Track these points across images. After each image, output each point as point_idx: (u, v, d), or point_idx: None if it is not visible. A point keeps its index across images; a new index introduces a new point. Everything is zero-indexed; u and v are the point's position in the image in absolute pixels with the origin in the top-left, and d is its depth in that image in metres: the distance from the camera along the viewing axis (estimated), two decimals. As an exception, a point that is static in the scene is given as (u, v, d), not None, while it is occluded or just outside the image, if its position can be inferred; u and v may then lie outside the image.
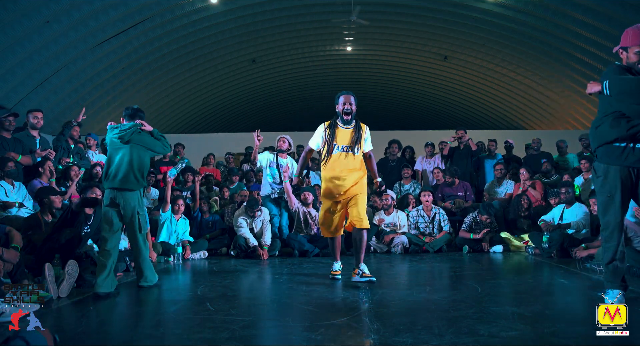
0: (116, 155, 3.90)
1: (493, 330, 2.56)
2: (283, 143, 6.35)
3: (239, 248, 5.98)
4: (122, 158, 3.87)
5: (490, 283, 4.02)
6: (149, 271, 3.98)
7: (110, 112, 14.18)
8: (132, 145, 3.90)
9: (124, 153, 3.88)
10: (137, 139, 3.93)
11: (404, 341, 2.38)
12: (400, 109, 21.86)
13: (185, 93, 16.20)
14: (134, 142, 3.91)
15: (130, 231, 3.95)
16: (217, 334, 2.56)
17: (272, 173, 6.30)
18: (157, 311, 3.25)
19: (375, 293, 3.57)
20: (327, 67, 17.51)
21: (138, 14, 10.97)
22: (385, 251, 6.37)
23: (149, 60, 13.22)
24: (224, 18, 12.48)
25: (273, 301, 3.47)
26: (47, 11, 9.29)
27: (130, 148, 3.89)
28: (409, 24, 13.64)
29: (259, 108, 20.74)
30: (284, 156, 6.37)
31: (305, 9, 12.90)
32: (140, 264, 3.97)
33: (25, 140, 5.69)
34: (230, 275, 4.70)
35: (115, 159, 3.89)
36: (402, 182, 7.72)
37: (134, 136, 3.92)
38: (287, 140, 6.39)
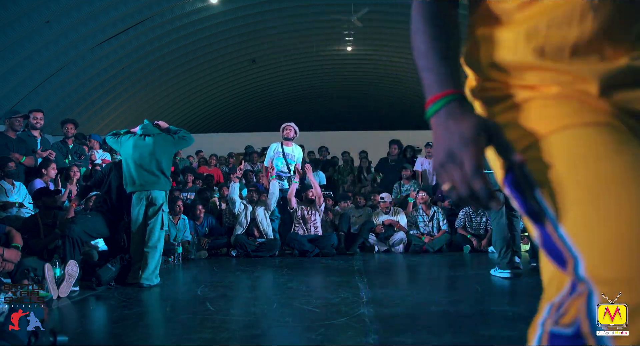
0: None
1: (493, 330, 2.56)
2: (289, 131, 6.34)
3: (239, 247, 5.98)
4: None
5: (490, 283, 4.02)
6: (155, 270, 4.07)
7: (110, 112, 14.19)
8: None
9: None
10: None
11: (403, 341, 2.38)
12: (401, 108, 21.86)
13: (185, 93, 16.21)
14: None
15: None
16: (217, 334, 2.56)
17: (279, 163, 6.31)
18: (157, 311, 3.26)
19: (375, 293, 3.57)
20: (327, 67, 17.52)
21: (138, 14, 10.98)
22: (385, 250, 6.37)
23: (149, 60, 13.23)
24: (224, 18, 12.49)
25: (273, 301, 3.47)
26: (47, 11, 9.31)
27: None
28: (409, 24, 13.61)
29: (259, 108, 20.76)
30: (289, 144, 6.36)
31: (305, 9, 12.91)
32: (147, 260, 4.02)
33: (27, 140, 5.71)
34: (230, 275, 4.70)
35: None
36: (401, 182, 7.72)
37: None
38: (293, 128, 6.37)
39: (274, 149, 6.38)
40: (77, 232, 3.95)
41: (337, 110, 22.85)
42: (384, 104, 21.72)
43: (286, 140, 6.34)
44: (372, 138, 12.41)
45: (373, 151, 9.98)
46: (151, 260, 4.02)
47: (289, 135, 6.31)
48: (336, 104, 22.07)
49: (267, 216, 6.21)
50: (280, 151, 6.32)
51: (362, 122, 22.34)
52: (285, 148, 6.32)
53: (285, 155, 6.28)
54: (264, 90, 18.50)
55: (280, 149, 6.33)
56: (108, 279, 3.99)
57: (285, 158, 6.29)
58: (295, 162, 6.37)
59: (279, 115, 22.20)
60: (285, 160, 6.29)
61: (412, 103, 20.81)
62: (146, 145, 4.18)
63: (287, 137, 6.31)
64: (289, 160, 6.31)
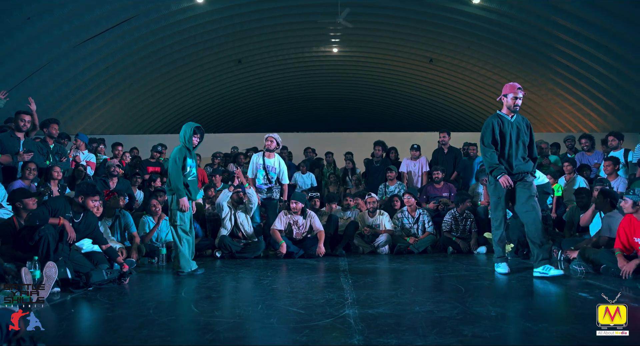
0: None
1: (477, 330, 2.58)
2: (271, 143, 6.31)
3: (224, 248, 5.94)
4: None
5: (473, 284, 4.06)
6: (180, 260, 4.68)
7: (93, 111, 13.99)
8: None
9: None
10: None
11: (388, 342, 2.39)
12: (385, 111, 21.98)
13: (170, 93, 16.07)
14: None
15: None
16: (201, 336, 2.54)
17: (259, 175, 6.28)
18: (139, 313, 3.21)
19: (360, 294, 3.58)
20: (313, 68, 17.53)
21: (123, 12, 10.85)
22: (369, 251, 6.39)
23: (134, 60, 13.09)
24: (210, 18, 12.42)
25: (258, 302, 3.45)
26: (29, 8, 9.14)
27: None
28: (395, 26, 13.73)
29: (245, 109, 20.68)
30: (271, 156, 6.33)
31: (291, 10, 12.90)
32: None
33: (6, 141, 5.60)
34: (214, 277, 4.67)
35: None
36: (387, 183, 7.76)
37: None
38: (275, 139, 6.34)
39: (255, 160, 6.36)
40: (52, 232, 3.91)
41: (322, 112, 22.88)
42: (369, 106, 21.81)
43: (268, 152, 6.32)
44: (356, 140, 12.46)
45: (357, 152, 10.02)
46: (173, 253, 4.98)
47: (271, 146, 6.30)
48: (321, 105, 22.10)
49: (249, 219, 6.19)
50: (261, 163, 6.30)
51: (346, 123, 22.42)
52: (266, 160, 6.30)
53: (266, 167, 6.27)
54: (250, 90, 18.43)
55: (261, 161, 6.31)
56: (95, 283, 3.96)
57: (266, 170, 6.27)
58: (277, 174, 6.35)
59: (265, 115, 22.17)
60: (265, 172, 6.27)
61: (397, 105, 20.96)
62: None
63: (269, 148, 6.30)
64: (270, 173, 6.29)
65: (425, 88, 18.00)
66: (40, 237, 3.87)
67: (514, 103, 4.42)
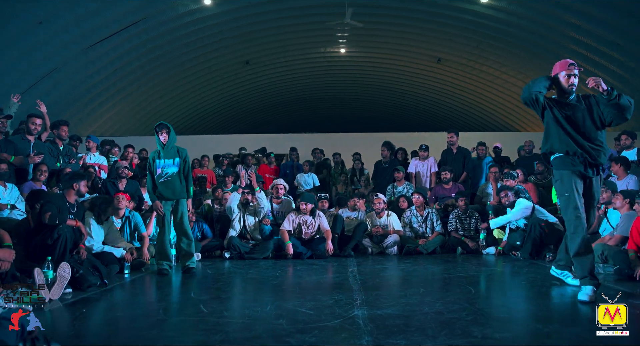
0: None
1: (486, 332, 2.57)
2: (280, 190, 6.55)
3: (233, 249, 5.97)
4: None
5: (483, 285, 4.03)
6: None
7: (103, 114, 14.10)
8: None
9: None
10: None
11: (397, 343, 2.38)
12: (393, 111, 21.92)
13: (178, 95, 16.16)
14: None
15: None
16: (210, 336, 2.55)
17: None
18: (149, 313, 3.23)
19: (369, 295, 3.57)
20: (321, 68, 17.52)
21: (132, 15, 10.93)
22: (378, 252, 6.37)
23: (142, 62, 13.17)
24: (218, 20, 12.46)
25: (267, 303, 3.45)
26: (40, 12, 9.24)
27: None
28: (403, 26, 13.69)
29: (253, 110, 20.73)
30: (277, 202, 6.58)
31: (298, 11, 12.91)
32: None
33: (18, 143, 5.67)
34: (223, 277, 4.69)
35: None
36: (395, 184, 7.74)
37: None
38: (284, 186, 6.65)
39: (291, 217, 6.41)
40: (70, 232, 3.95)
41: (330, 112, 22.86)
42: (377, 106, 21.75)
43: (276, 198, 6.56)
44: (364, 140, 12.43)
45: (365, 153, 9.99)
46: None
47: (280, 194, 6.55)
48: (329, 106, 22.08)
49: (257, 221, 6.24)
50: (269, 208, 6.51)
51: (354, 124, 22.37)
52: (274, 205, 6.56)
53: (273, 210, 6.53)
54: (257, 91, 18.47)
55: (269, 207, 6.52)
56: (86, 285, 3.96)
57: (274, 215, 6.51)
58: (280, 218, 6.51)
59: (273, 117, 22.20)
60: (274, 216, 6.51)
61: (405, 106, 20.89)
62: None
63: (278, 196, 6.54)
64: (277, 217, 6.50)
65: (433, 88, 17.92)
66: (59, 235, 3.90)
67: (569, 83, 3.60)
